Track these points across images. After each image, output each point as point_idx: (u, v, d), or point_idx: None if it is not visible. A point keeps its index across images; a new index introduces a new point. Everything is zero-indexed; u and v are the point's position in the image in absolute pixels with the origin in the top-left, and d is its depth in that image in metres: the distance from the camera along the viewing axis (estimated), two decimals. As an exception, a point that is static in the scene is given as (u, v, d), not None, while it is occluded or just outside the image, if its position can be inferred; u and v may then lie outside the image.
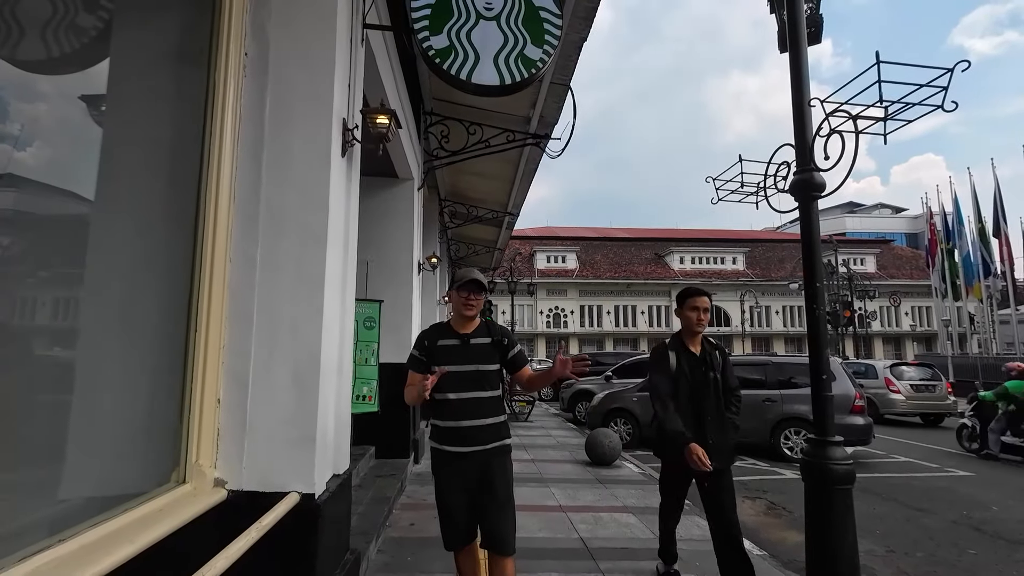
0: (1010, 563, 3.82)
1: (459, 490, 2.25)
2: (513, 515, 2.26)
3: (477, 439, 2.24)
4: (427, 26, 2.89)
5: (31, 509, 1.56)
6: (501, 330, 2.40)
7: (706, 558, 3.55)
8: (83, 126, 1.86)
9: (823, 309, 2.50)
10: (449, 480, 2.27)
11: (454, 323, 2.36)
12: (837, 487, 2.36)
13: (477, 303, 2.32)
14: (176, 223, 2.16)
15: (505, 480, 2.27)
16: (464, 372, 2.24)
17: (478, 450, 2.24)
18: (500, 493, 2.23)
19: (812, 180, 2.54)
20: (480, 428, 2.25)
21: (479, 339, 2.32)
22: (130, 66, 2.01)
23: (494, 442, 2.27)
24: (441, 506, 2.29)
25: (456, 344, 2.29)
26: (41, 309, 1.71)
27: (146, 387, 2.05)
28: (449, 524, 2.27)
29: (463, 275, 2.33)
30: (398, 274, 5.92)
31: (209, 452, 2.14)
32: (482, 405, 2.26)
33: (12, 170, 1.51)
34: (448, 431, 2.27)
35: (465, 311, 2.30)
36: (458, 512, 2.25)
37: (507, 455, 2.33)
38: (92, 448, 1.82)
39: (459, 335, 2.31)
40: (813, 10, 3.16)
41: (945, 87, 2.10)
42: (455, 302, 2.34)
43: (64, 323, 1.78)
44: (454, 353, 2.27)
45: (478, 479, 2.24)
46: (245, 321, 2.23)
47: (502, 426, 2.32)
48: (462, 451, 2.24)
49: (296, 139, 2.37)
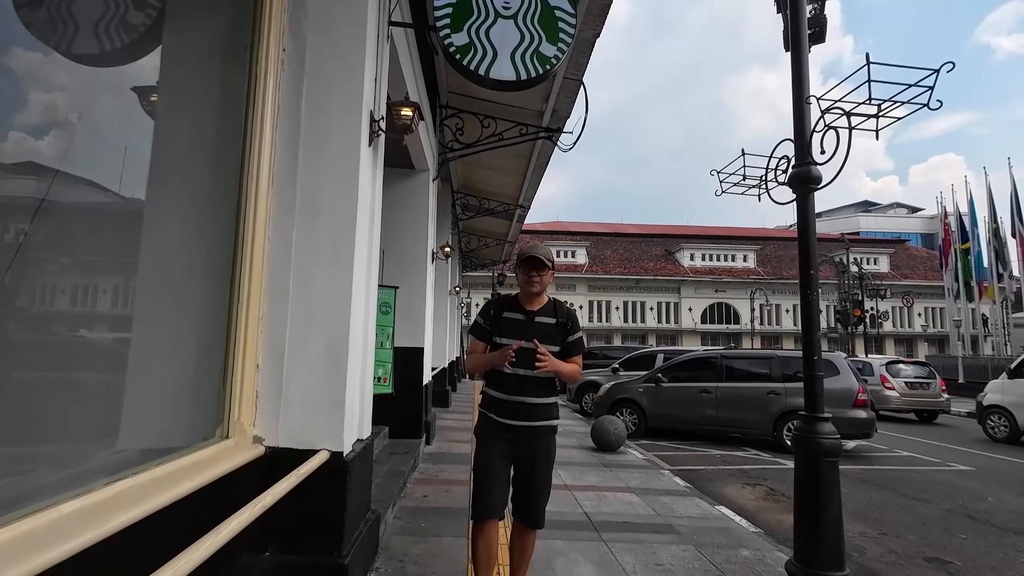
0: (998, 547, 3.96)
1: (501, 456, 2.26)
2: (548, 493, 2.32)
3: (528, 415, 2.26)
4: (448, 24, 3.07)
5: (97, 456, 1.78)
6: (567, 312, 2.38)
7: (701, 533, 3.75)
8: (135, 117, 2.07)
9: (816, 295, 2.66)
10: (494, 446, 2.27)
11: (521, 298, 2.35)
12: (825, 459, 2.54)
13: (542, 280, 2.30)
14: (221, 205, 2.37)
15: (548, 462, 2.31)
16: (524, 348, 2.21)
17: (527, 425, 2.26)
18: (542, 474, 2.28)
19: (809, 173, 2.69)
20: (532, 406, 2.26)
21: (544, 318, 2.32)
22: (179, 61, 2.21)
23: (544, 420, 2.29)
24: (480, 470, 2.27)
25: (521, 319, 2.30)
26: (103, 285, 1.94)
27: (194, 353, 2.28)
28: (483, 489, 2.24)
29: (525, 251, 2.32)
30: (413, 262, 6.13)
31: (249, 412, 2.36)
32: (537, 383, 2.26)
33: (69, 160, 1.67)
34: (500, 402, 2.28)
35: (529, 287, 2.30)
36: (495, 478, 2.24)
37: (553, 436, 2.35)
38: (147, 406, 2.05)
39: (525, 311, 2.32)
40: (817, 11, 3.29)
41: (931, 87, 2.25)
42: (519, 279, 2.35)
43: (122, 297, 2.00)
44: (517, 328, 2.27)
45: (523, 454, 2.27)
46: (282, 295, 2.45)
47: (553, 407, 2.34)
48: (511, 424, 2.26)
49: (329, 129, 2.58)
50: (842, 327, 21.50)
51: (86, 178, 1.81)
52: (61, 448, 1.67)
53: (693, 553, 3.32)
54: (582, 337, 2.40)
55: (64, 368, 1.72)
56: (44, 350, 1.70)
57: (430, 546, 3.18)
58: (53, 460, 1.61)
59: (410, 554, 3.06)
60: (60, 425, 1.70)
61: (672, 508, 4.30)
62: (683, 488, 5.06)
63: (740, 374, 8.29)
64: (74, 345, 1.85)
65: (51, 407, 1.64)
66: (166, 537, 1.48)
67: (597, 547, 3.34)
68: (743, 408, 7.97)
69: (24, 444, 1.53)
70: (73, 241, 1.77)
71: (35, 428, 1.59)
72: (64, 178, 1.64)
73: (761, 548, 3.49)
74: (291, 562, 2.31)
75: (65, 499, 1.39)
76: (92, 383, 1.87)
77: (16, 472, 1.47)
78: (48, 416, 1.63)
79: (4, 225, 1.51)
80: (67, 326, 1.81)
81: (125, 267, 2.02)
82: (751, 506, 4.84)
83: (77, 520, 1.35)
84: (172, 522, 1.64)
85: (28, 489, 1.40)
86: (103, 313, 1.97)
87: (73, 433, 1.77)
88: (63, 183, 1.62)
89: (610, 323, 34.92)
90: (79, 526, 1.33)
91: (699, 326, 34.84)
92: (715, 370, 8.42)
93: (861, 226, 48.77)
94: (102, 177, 1.89)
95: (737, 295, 34.74)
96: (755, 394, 7.94)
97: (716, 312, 35.63)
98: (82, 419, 1.81)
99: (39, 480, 1.51)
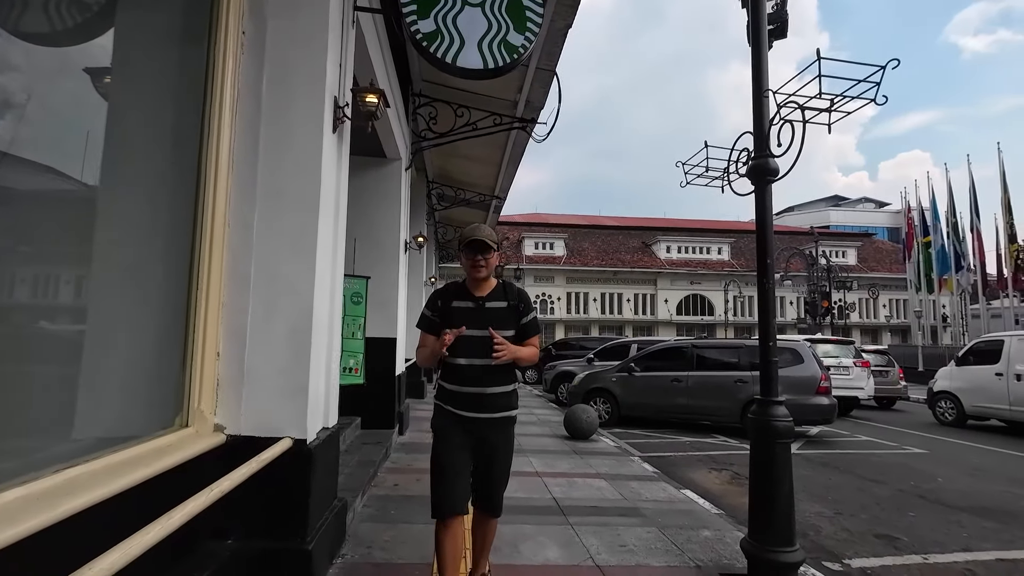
0: (943, 523, 4.18)
1: (459, 448, 2.17)
2: (507, 482, 2.30)
3: (485, 406, 2.17)
4: (415, 10, 3.04)
5: (51, 444, 1.75)
6: (518, 293, 2.28)
7: (665, 515, 3.86)
8: (88, 98, 2.00)
9: (772, 283, 2.75)
10: (451, 438, 2.18)
11: (469, 284, 2.26)
12: (778, 440, 2.64)
13: (487, 263, 2.20)
14: (179, 190, 2.33)
15: (508, 453, 2.25)
16: (477, 336, 2.13)
17: (487, 417, 2.18)
18: (502, 464, 2.24)
19: (767, 165, 2.77)
20: (489, 396, 2.17)
21: (495, 303, 2.22)
22: (133, 41, 2.15)
23: (502, 411, 2.21)
24: (437, 465, 2.18)
25: (471, 307, 2.20)
26: (55, 273, 1.89)
27: (152, 341, 2.24)
28: (442, 485, 2.15)
29: (468, 234, 2.20)
30: (385, 252, 6.09)
31: (210, 400, 2.34)
32: (493, 372, 2.16)
33: (19, 144, 1.62)
34: (456, 395, 2.20)
35: (476, 273, 2.20)
36: (453, 472, 2.15)
37: (512, 426, 2.29)
38: (104, 395, 2.01)
39: (474, 297, 2.22)
40: (779, 7, 3.37)
41: (878, 83, 2.35)
42: (464, 265, 2.25)
43: (76, 285, 1.96)
44: (468, 316, 2.16)
45: (481, 445, 2.20)
46: (243, 281, 2.43)
47: (512, 395, 2.26)
48: (465, 415, 2.18)
49: (291, 114, 2.55)
50: (811, 318, 22.13)
51: (36, 162, 1.75)
52: (12, 438, 1.64)
53: (656, 534, 3.42)
54: (536, 317, 2.32)
55: (16, 359, 1.68)
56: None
57: (399, 532, 3.20)
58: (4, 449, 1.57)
59: (378, 540, 3.08)
60: (11, 414, 1.66)
61: (639, 493, 4.41)
62: (651, 473, 5.18)
63: (710, 363, 8.49)
64: (27, 334, 1.80)
65: (3, 396, 1.60)
66: (122, 523, 1.46)
67: (564, 530, 3.41)
68: (712, 396, 8.17)
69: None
70: (24, 227, 1.71)
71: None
72: (13, 161, 1.59)
73: (722, 528, 3.61)
74: (255, 548, 2.31)
75: (11, 486, 1.37)
76: (45, 373, 1.83)
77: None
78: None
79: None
80: (21, 315, 1.76)
81: (79, 254, 1.97)
82: (716, 490, 4.99)
83: (22, 506, 1.33)
84: (128, 509, 1.62)
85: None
86: (57, 302, 1.92)
87: (25, 422, 1.73)
88: (12, 167, 1.58)
89: (588, 315, 35.23)
90: (24, 512, 1.31)
91: (675, 318, 35.44)
92: (686, 360, 8.60)
93: (831, 220, 50.08)
94: (54, 161, 1.83)
95: (712, 287, 35.39)
96: (724, 383, 8.14)
97: (691, 304, 36.27)
98: (35, 408, 1.78)
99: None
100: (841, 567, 3.32)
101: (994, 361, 9.06)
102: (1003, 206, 17.59)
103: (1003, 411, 8.84)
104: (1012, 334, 9.46)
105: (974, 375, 9.40)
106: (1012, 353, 8.81)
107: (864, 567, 3.33)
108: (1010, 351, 8.85)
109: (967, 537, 3.89)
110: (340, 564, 2.74)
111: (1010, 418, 8.86)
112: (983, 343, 9.78)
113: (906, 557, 3.50)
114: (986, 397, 9.10)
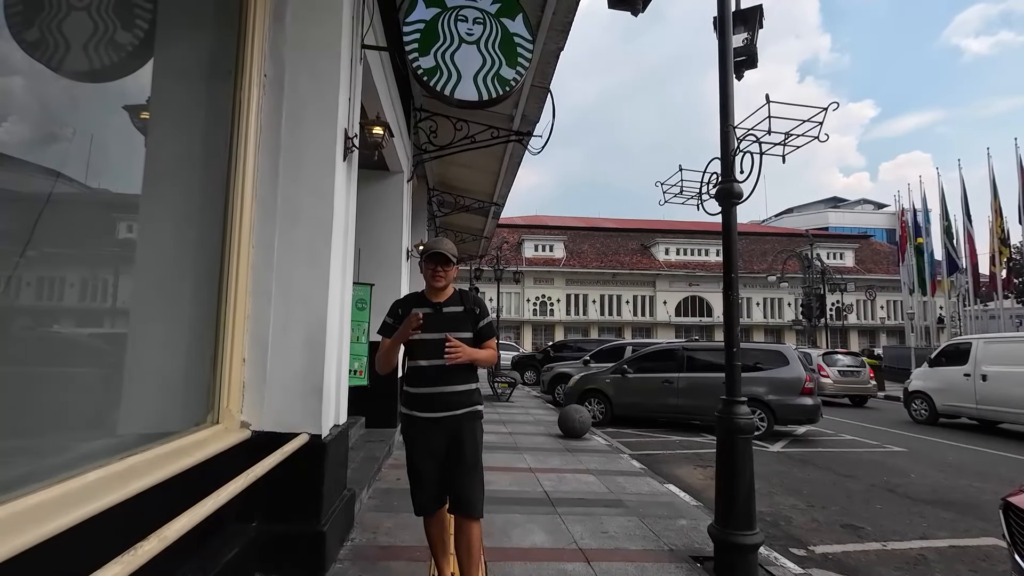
0: (907, 515, 4.50)
1: (428, 455, 2.31)
2: (481, 480, 2.35)
3: (447, 404, 2.31)
4: (416, 48, 3.36)
5: (98, 439, 2.05)
6: (474, 299, 2.46)
7: (647, 506, 4.18)
8: (129, 132, 2.33)
9: (736, 295, 3.07)
10: (419, 445, 2.33)
11: (428, 293, 2.43)
12: (740, 435, 2.96)
13: (446, 274, 2.38)
14: (210, 215, 2.66)
15: (474, 444, 2.34)
16: (436, 339, 2.28)
17: (448, 415, 2.31)
18: (468, 457, 2.31)
19: (732, 189, 3.10)
20: (450, 394, 2.31)
21: (452, 307, 2.40)
22: (170, 81, 2.48)
23: (464, 408, 2.34)
24: (412, 471, 2.36)
25: (429, 312, 2.34)
26: (101, 286, 2.21)
27: (187, 348, 2.57)
28: (419, 489, 2.33)
29: (429, 247, 2.39)
30: (387, 260, 6.42)
31: (237, 400, 2.66)
32: (454, 371, 2.31)
33: (68, 170, 1.88)
34: (419, 396, 2.33)
35: (435, 282, 2.38)
36: (427, 477, 2.31)
37: (477, 420, 2.39)
38: (146, 395, 2.34)
39: (432, 303, 2.39)
40: (749, 42, 3.69)
41: (821, 122, 2.67)
42: (425, 274, 2.41)
43: (121, 298, 2.28)
44: (427, 321, 2.28)
45: (447, 444, 2.31)
46: (265, 295, 2.75)
47: (473, 392, 2.39)
48: (432, 416, 2.30)
49: (306, 146, 2.87)
50: (806, 320, 22.44)
51: (83, 191, 2.05)
52: (77, 431, 1.96)
53: (636, 523, 3.74)
54: (492, 321, 2.49)
55: (68, 363, 2.00)
56: (52, 344, 1.97)
57: (400, 520, 3.52)
58: (66, 441, 1.89)
59: (382, 527, 3.40)
60: (65, 412, 1.97)
61: (624, 487, 4.73)
62: (638, 469, 5.50)
63: (700, 365, 8.81)
64: (78, 341, 2.13)
65: (61, 397, 1.93)
66: (166, 505, 1.78)
67: (552, 519, 3.73)
68: (702, 397, 8.47)
69: (32, 428, 1.82)
70: (71, 245, 2.02)
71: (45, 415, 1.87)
72: (65, 184, 1.89)
73: (697, 518, 3.93)
74: (275, 530, 2.63)
75: (93, 467, 1.69)
76: (93, 376, 2.15)
77: (34, 451, 1.77)
78: (57, 405, 1.92)
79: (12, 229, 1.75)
80: (74, 323, 2.09)
81: (123, 271, 2.30)
82: (699, 485, 5.30)
83: (103, 485, 1.66)
84: (172, 493, 1.94)
85: (57, 463, 1.70)
86: (104, 312, 2.25)
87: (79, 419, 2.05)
88: (65, 190, 1.87)
89: (587, 316, 35.57)
90: (103, 489, 1.63)
91: (673, 319, 35.77)
92: (677, 361, 8.92)
93: (830, 221, 50.42)
94: (101, 189, 2.15)
95: (710, 288, 35.72)
96: (713, 383, 8.43)
97: (690, 305, 36.62)
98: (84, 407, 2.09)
99: (60, 456, 1.80)
100: (806, 552, 3.64)
101: (963, 362, 9.58)
102: (993, 211, 17.90)
103: (971, 409, 9.38)
104: (979, 337, 9.94)
105: (944, 376, 9.95)
106: (979, 355, 9.35)
107: (826, 553, 3.66)
108: (977, 353, 9.39)
109: (926, 527, 4.22)
110: (349, 546, 3.07)
111: (977, 416, 9.40)
112: (953, 345, 10.33)
113: (867, 544, 3.83)
114: (955, 396, 9.63)
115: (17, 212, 1.73)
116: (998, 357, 9.08)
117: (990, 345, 9.37)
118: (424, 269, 2.42)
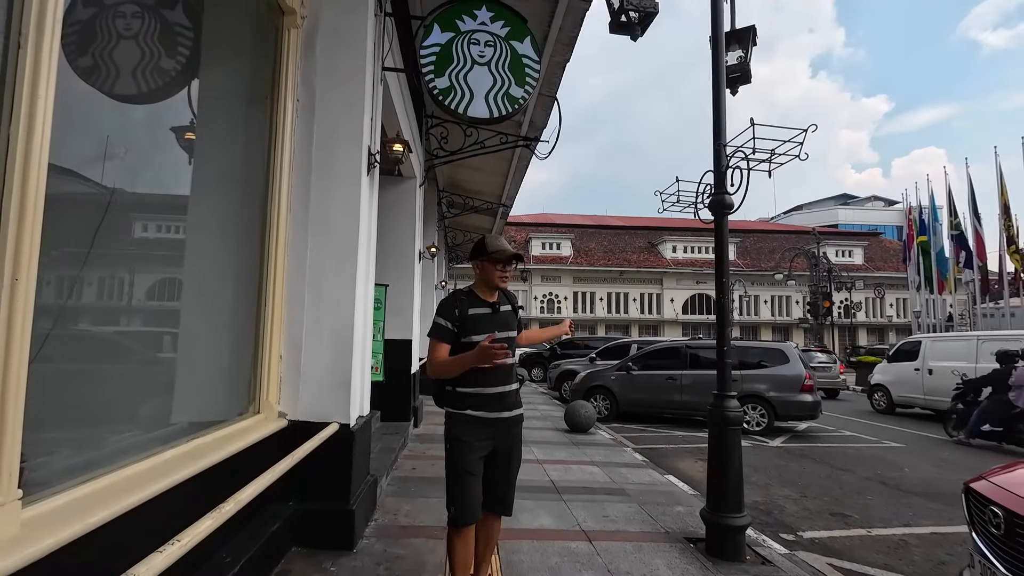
0: (895, 505, 4.75)
1: (480, 458, 2.24)
2: None
3: (505, 405, 2.27)
4: (432, 70, 3.65)
5: (154, 429, 2.36)
6: (512, 296, 2.48)
7: (647, 495, 4.46)
8: (177, 155, 2.63)
9: (728, 299, 3.34)
10: (474, 445, 2.22)
11: (480, 292, 2.34)
12: (729, 427, 3.24)
13: (512, 275, 2.40)
14: (250, 227, 2.97)
15: (520, 450, 2.38)
16: (503, 339, 2.21)
17: (505, 416, 2.27)
18: (516, 463, 2.34)
19: (723, 201, 3.37)
20: (507, 394, 2.29)
21: (504, 307, 2.38)
22: (213, 107, 2.78)
23: (517, 409, 2.33)
24: (461, 474, 2.20)
25: (488, 312, 2.30)
26: (153, 294, 2.51)
27: (232, 347, 2.89)
28: (466, 494, 2.19)
29: (500, 247, 2.29)
30: (401, 262, 6.74)
31: (275, 392, 2.98)
32: (508, 371, 2.31)
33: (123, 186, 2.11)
34: (487, 398, 2.24)
35: (501, 283, 2.32)
36: (476, 481, 2.22)
37: (522, 424, 2.40)
38: (196, 388, 2.66)
39: (488, 303, 2.32)
40: (743, 60, 3.94)
41: (801, 142, 2.93)
42: (489, 272, 2.30)
43: (173, 303, 2.59)
44: (488, 321, 2.27)
45: (500, 446, 2.27)
46: (299, 301, 3.07)
47: (519, 393, 2.41)
48: (491, 417, 2.24)
49: (335, 164, 3.18)
50: (812, 318, 22.53)
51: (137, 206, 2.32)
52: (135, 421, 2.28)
53: (636, 509, 4.03)
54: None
55: (130, 360, 2.31)
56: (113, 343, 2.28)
57: (418, 504, 3.84)
58: (132, 428, 2.20)
59: (402, 510, 3.72)
60: (131, 403, 2.29)
61: (627, 477, 5.02)
62: (640, 462, 5.78)
63: (703, 362, 9.05)
64: (137, 340, 2.45)
65: (126, 389, 2.24)
66: (226, 480, 2.09)
67: (557, 505, 4.03)
68: (705, 393, 8.59)
69: (106, 417, 2.14)
70: (125, 253, 2.30)
71: (116, 406, 2.20)
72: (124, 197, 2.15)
73: (694, 506, 4.21)
74: (310, 509, 2.95)
75: (156, 452, 2.00)
76: (152, 371, 2.47)
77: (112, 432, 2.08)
78: (124, 397, 2.23)
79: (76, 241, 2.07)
80: (140, 322, 2.41)
81: (173, 280, 2.61)
82: (698, 476, 5.56)
83: (173, 463, 1.97)
84: (227, 472, 2.25)
85: (123, 446, 2.01)
86: (157, 316, 2.56)
87: (143, 409, 2.37)
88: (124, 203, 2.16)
89: (594, 314, 35.77)
90: (173, 467, 1.95)
91: (680, 317, 35.87)
92: (680, 359, 9.18)
93: (840, 218, 50.06)
94: (154, 205, 2.46)
95: (717, 286, 35.66)
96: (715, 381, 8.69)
97: (697, 303, 36.69)
98: (145, 398, 2.40)
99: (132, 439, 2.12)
100: (794, 537, 3.91)
101: (914, 358, 10.87)
102: (1001, 208, 17.89)
103: (920, 400, 10.65)
104: (927, 336, 11.32)
105: (899, 370, 11.18)
106: (927, 352, 10.69)
107: (813, 537, 3.92)
108: (925, 350, 10.73)
109: (912, 515, 4.46)
110: (373, 525, 3.38)
111: (924, 405, 10.59)
112: (907, 344, 11.52)
113: (852, 531, 4.09)
114: (908, 388, 10.91)
115: (81, 223, 1.91)
116: (942, 354, 10.36)
117: (935, 343, 10.78)
118: (487, 269, 2.29)
